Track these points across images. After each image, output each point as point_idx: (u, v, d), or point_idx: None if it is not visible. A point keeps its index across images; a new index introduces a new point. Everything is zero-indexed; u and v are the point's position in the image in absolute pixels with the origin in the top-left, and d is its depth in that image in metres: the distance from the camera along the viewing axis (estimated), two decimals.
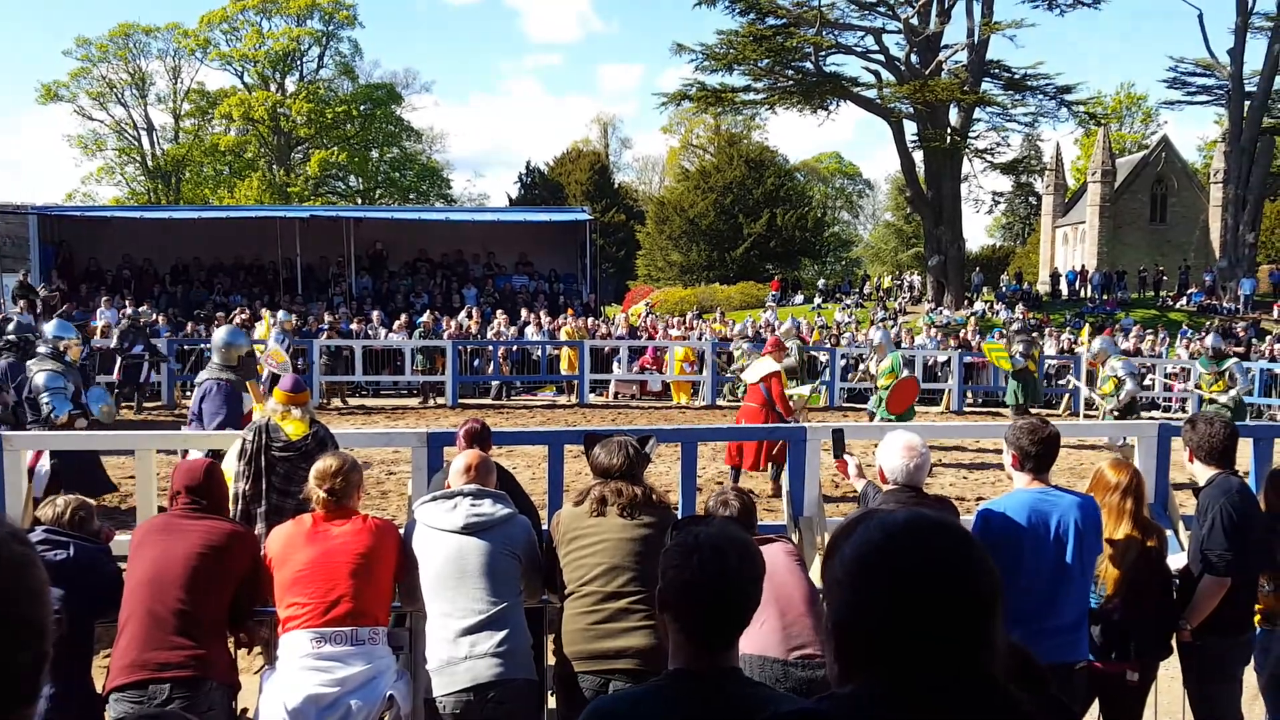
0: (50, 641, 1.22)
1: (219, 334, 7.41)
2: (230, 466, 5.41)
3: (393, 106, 58.93)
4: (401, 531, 4.00)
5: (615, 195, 59.36)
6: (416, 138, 62.24)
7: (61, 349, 7.76)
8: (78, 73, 54.95)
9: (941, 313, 31.98)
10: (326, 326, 20.78)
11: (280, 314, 18.88)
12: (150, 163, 57.55)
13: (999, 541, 3.59)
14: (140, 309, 20.41)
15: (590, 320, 23.38)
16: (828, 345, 21.72)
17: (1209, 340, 14.57)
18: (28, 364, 7.97)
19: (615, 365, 20.45)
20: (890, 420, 11.69)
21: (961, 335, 24.08)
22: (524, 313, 24.17)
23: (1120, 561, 3.96)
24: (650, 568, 3.39)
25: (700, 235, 50.27)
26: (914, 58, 36.34)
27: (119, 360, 16.73)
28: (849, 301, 38.57)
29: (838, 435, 5.42)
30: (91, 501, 4.06)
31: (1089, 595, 3.83)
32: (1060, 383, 20.12)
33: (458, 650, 3.57)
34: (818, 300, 39.99)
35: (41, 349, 7.79)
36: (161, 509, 4.99)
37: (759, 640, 3.44)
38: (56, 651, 1.24)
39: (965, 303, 36.15)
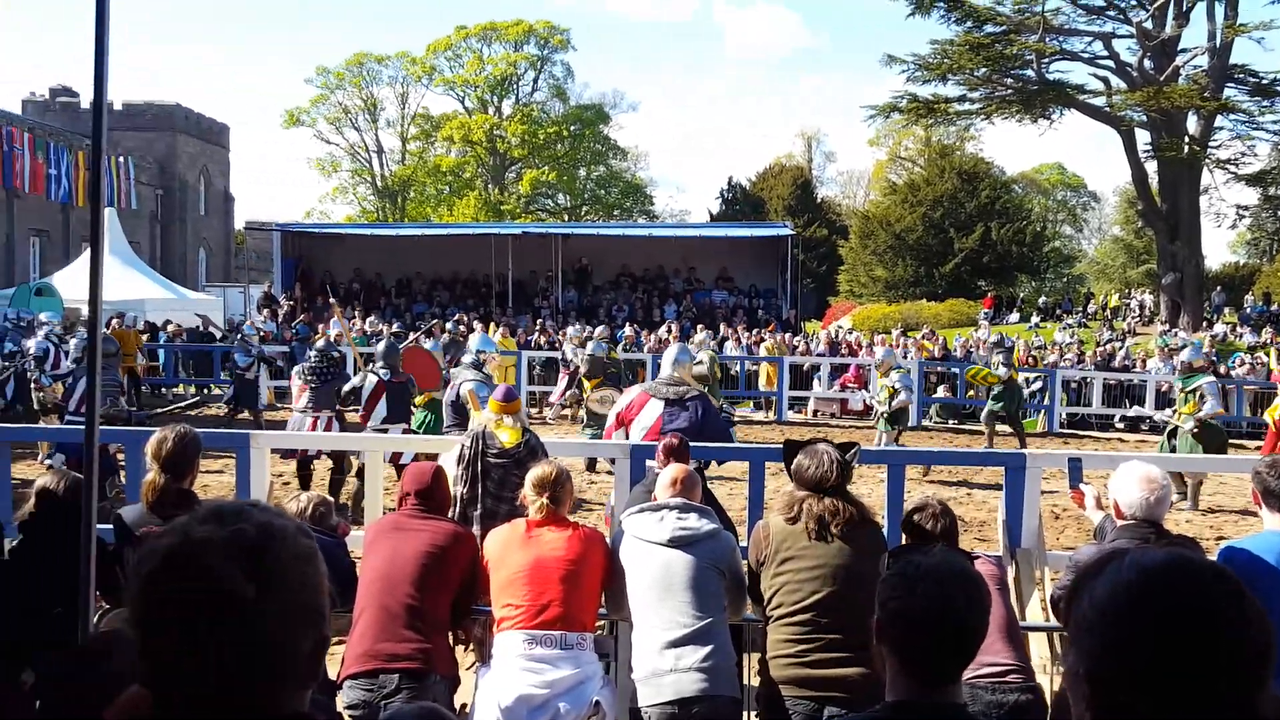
0: (328, 628, 1.33)
1: (671, 351, 7.49)
2: (448, 472, 5.68)
3: (600, 126, 60.46)
4: (608, 541, 4.11)
5: (817, 210, 58.58)
6: (622, 155, 63.60)
7: (481, 361, 8.52)
8: (317, 99, 59.12)
9: (1176, 335, 29.85)
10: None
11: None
12: (379, 183, 61.19)
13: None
14: (369, 319, 21.74)
15: (790, 336, 23.22)
16: (1046, 367, 20.65)
17: (1184, 354, 12.37)
18: (453, 371, 8.94)
19: (815, 382, 20.21)
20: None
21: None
22: (723, 327, 24.28)
23: None
24: (864, 594, 3.31)
25: (907, 250, 48.87)
26: (1147, 63, 34.14)
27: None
28: (1070, 321, 36.56)
29: (1074, 464, 5.17)
30: (331, 498, 4.37)
31: None
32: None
33: (663, 662, 3.60)
34: (1035, 319, 38.15)
35: (465, 359, 8.62)
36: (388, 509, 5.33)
37: None
38: None
39: (1204, 324, 33.60)
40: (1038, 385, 19.29)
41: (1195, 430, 10.75)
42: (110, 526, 4.08)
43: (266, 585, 1.23)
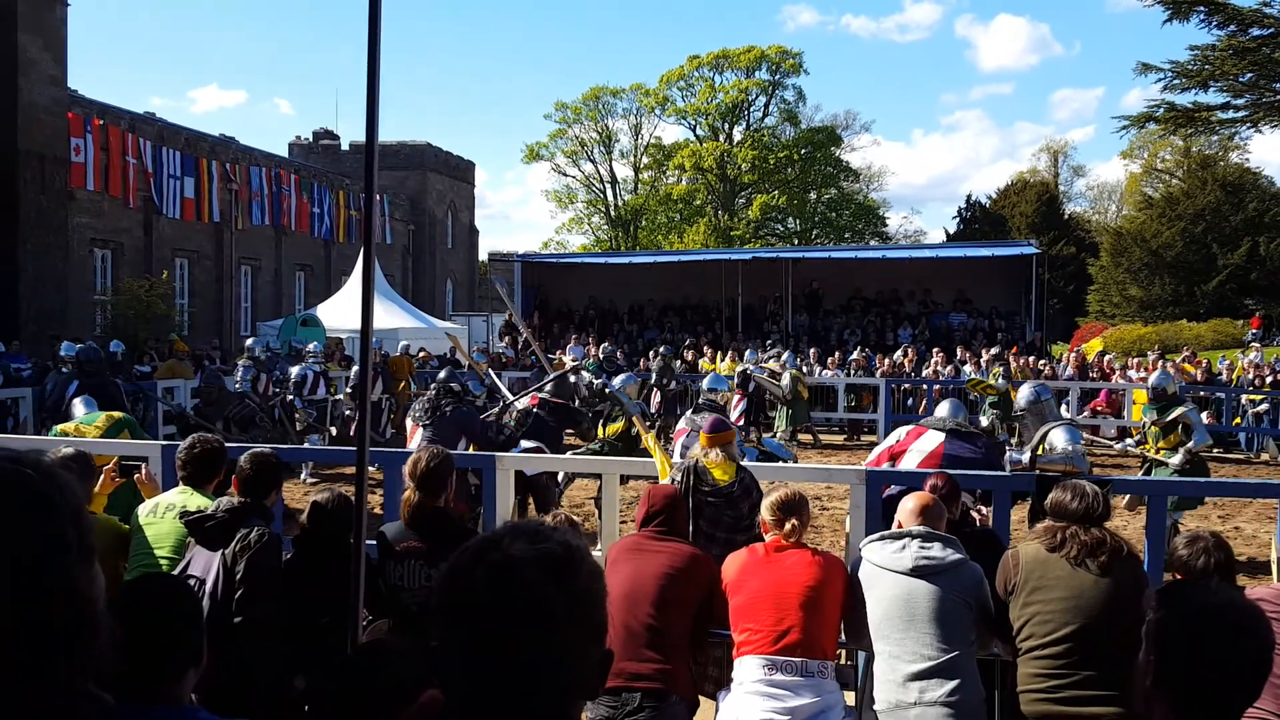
0: (606, 643, 1.38)
1: (944, 407, 7.08)
2: None
3: (832, 149, 59.86)
4: (849, 568, 4.02)
5: (1064, 226, 55.67)
6: (854, 177, 62.68)
7: (720, 401, 8.95)
8: (555, 134, 61.60)
9: None
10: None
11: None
12: (612, 213, 62.96)
13: None
14: (603, 345, 22.39)
15: (1034, 359, 22.10)
16: None
17: (1153, 378, 10.38)
18: (690, 417, 8.62)
19: (1063, 408, 19.12)
20: None
21: None
22: (960, 350, 23.43)
23: None
24: (1122, 630, 3.12)
25: (1164, 267, 45.55)
26: None
27: (659, 394, 18.76)
28: None
29: None
30: (576, 518, 4.51)
31: None
32: None
33: (906, 695, 3.51)
34: None
35: (702, 401, 8.91)
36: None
37: None
38: None
39: None
40: (1264, 406, 18.12)
41: (1187, 465, 9.33)
42: (374, 542, 4.37)
43: (572, 600, 1.30)
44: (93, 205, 27.67)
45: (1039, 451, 7.31)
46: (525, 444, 9.01)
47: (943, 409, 6.91)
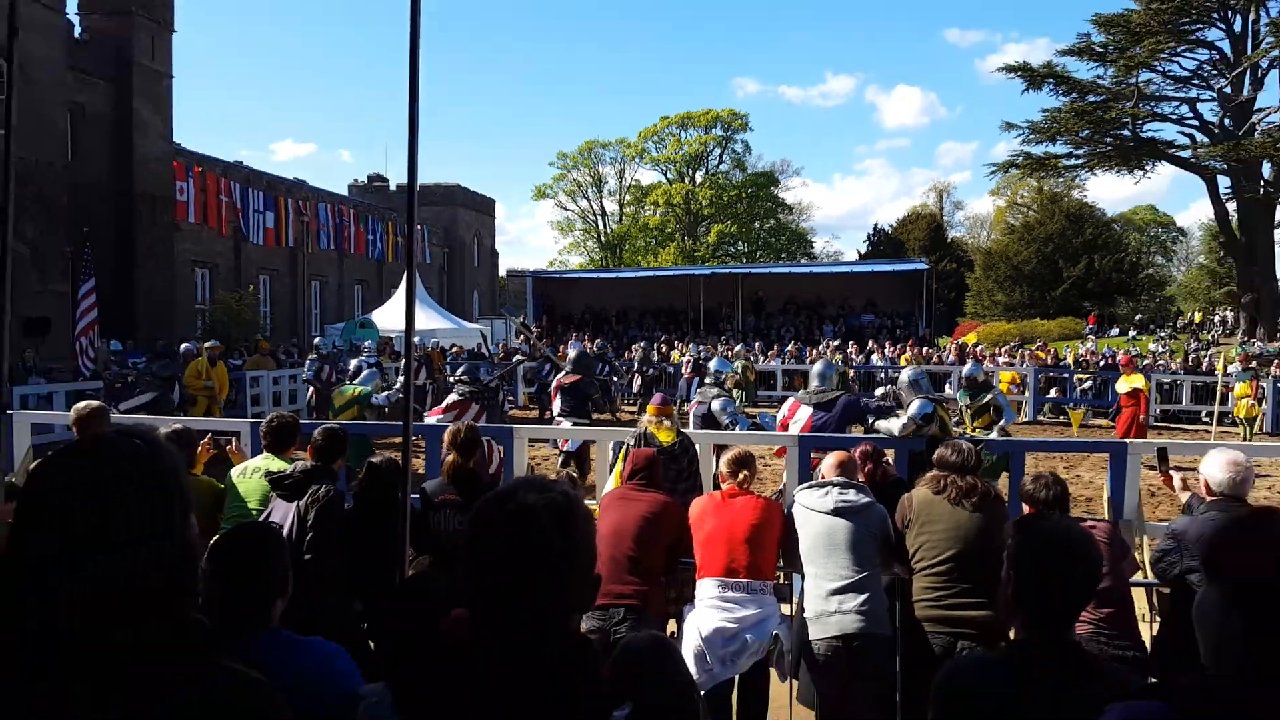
0: (595, 570, 1.38)
1: (817, 366, 6.78)
2: (607, 463, 5.59)
3: (771, 188, 59.85)
4: (785, 510, 4.02)
5: (948, 248, 55.85)
6: (788, 210, 62.66)
7: (722, 379, 8.25)
8: (558, 177, 61.31)
9: (1254, 344, 26.57)
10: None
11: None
12: (602, 239, 62.73)
13: None
14: (597, 341, 22.30)
15: (925, 349, 22.22)
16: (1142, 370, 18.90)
17: (965, 369, 10.08)
18: (699, 391, 7.94)
19: (947, 387, 19.26)
20: None
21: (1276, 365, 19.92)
22: (870, 343, 23.55)
23: None
24: (990, 553, 3.17)
25: (1023, 279, 45.81)
26: (1227, 121, 30.64)
27: (640, 378, 18.83)
28: (1163, 334, 33.31)
29: (1162, 452, 4.78)
30: (575, 475, 4.49)
31: None
32: None
33: (829, 606, 3.51)
34: (1132, 333, 34.93)
35: (708, 380, 8.19)
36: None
37: None
38: None
39: (1278, 335, 29.79)
40: (1088, 384, 18.42)
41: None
42: (417, 495, 4.33)
43: (570, 539, 1.30)
44: (193, 234, 27.41)
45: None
46: (566, 424, 8.92)
47: (813, 380, 6.70)
